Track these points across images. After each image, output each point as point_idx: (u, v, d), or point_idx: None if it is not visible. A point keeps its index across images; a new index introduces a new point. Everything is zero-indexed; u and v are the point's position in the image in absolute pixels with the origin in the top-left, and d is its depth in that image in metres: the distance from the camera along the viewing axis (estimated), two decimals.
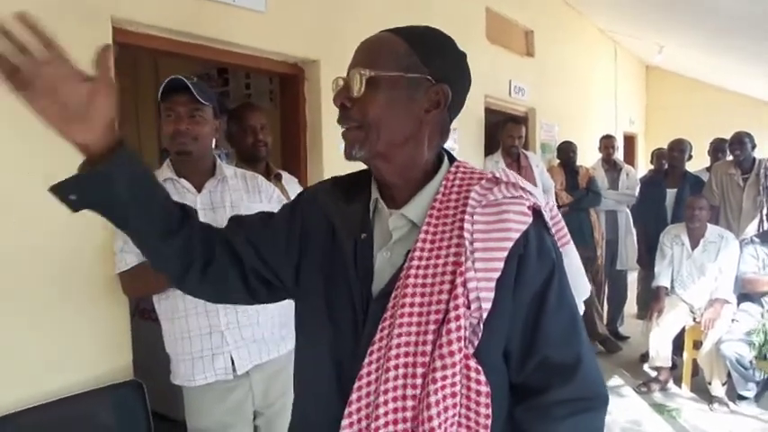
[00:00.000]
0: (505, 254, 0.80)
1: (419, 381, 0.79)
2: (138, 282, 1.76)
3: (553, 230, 0.91)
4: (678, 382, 3.84)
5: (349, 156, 0.88)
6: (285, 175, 2.44)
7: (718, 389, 3.51)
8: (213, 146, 1.87)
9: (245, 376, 1.76)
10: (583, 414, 0.83)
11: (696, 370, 3.78)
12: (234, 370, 1.72)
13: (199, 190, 1.78)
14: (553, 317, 0.83)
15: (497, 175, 0.88)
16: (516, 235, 0.81)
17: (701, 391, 3.66)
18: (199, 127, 1.72)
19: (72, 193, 0.81)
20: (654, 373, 3.88)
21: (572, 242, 0.96)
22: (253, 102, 3.50)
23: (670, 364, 3.78)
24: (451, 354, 0.78)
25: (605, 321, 4.85)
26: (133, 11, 1.94)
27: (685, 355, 3.79)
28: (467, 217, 0.83)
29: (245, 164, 2.31)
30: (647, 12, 5.49)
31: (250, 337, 1.74)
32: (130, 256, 1.73)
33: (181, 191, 1.77)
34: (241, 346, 1.73)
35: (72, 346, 1.77)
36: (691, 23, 5.44)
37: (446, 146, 0.97)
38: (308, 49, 2.64)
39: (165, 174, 1.78)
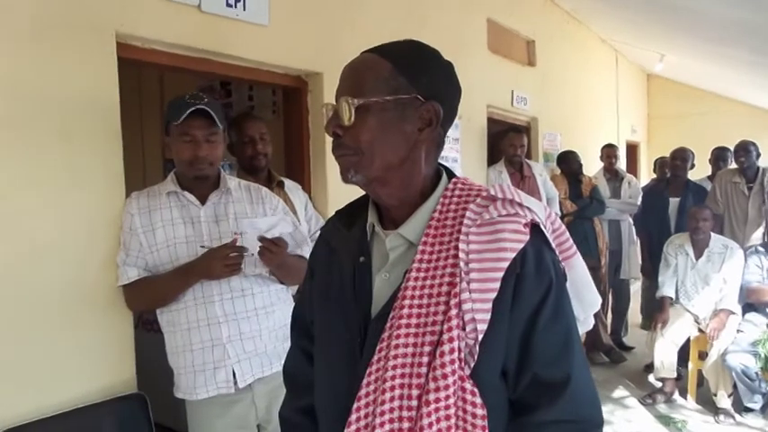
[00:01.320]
0: (501, 274, 0.79)
1: (414, 402, 0.79)
2: (140, 295, 1.77)
3: (556, 243, 0.89)
4: (683, 393, 3.81)
5: (345, 179, 0.89)
6: (287, 182, 2.45)
7: (723, 400, 3.48)
8: None
9: (248, 390, 1.76)
10: None
11: (701, 381, 3.75)
12: (235, 383, 1.72)
13: (203, 202, 1.78)
14: (545, 335, 0.82)
15: (493, 192, 0.86)
16: (512, 254, 0.80)
17: (707, 402, 3.63)
18: (216, 151, 1.75)
19: None
20: (659, 384, 3.86)
21: (578, 254, 0.93)
22: (252, 112, 3.52)
23: (675, 375, 3.75)
24: (444, 376, 0.77)
25: (609, 331, 4.83)
26: (137, 26, 1.95)
27: (690, 365, 3.77)
28: (461, 237, 0.82)
29: (246, 173, 2.33)
30: (647, 21, 5.51)
31: (252, 350, 1.74)
32: (132, 270, 1.74)
33: (185, 203, 1.78)
34: (243, 359, 1.73)
35: (75, 358, 1.77)
36: (690, 32, 5.46)
37: (449, 156, 0.97)
38: (312, 62, 2.66)
39: (168, 187, 1.78)
